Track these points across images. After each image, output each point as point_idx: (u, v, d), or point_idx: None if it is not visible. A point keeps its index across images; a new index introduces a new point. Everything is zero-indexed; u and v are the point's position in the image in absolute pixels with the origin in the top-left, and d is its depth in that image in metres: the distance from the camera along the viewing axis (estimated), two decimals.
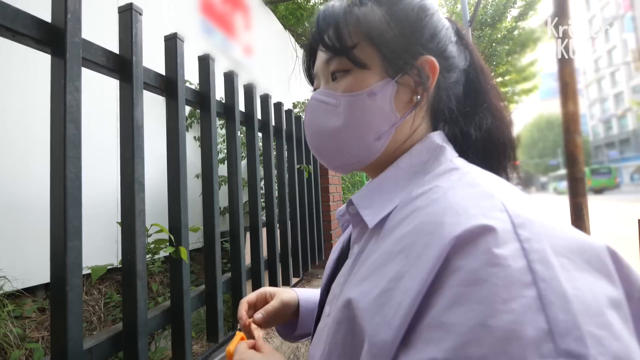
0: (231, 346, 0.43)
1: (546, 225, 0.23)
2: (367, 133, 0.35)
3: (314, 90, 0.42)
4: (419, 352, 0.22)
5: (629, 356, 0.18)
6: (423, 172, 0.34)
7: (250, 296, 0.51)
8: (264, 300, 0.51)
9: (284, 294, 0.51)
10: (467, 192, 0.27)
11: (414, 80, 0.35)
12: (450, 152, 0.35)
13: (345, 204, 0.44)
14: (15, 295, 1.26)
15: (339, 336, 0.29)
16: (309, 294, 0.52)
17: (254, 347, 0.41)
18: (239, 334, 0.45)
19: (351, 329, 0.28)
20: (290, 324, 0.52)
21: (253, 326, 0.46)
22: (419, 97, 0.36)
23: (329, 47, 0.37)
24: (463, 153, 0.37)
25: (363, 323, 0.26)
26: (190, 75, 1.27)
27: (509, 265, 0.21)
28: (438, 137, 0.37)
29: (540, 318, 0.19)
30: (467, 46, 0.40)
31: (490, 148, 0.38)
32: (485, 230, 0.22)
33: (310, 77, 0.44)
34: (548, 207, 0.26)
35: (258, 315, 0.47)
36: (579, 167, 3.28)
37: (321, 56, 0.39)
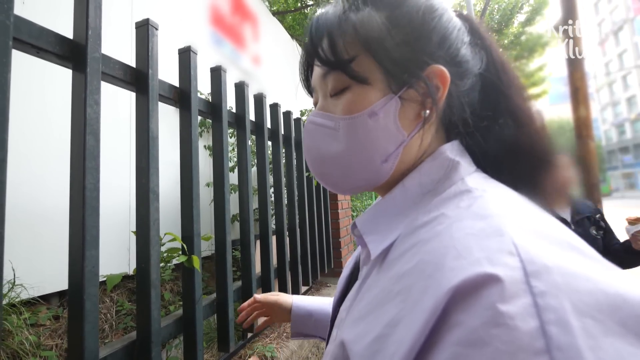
0: None
1: (568, 273, 0.19)
2: (372, 156, 0.32)
3: (314, 104, 0.39)
4: None
5: None
6: (433, 193, 0.30)
7: (259, 296, 0.65)
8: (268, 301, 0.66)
9: (283, 298, 0.64)
10: (473, 225, 0.23)
11: (420, 94, 0.31)
12: (464, 168, 0.31)
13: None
14: (31, 303, 1.28)
15: None
16: (304, 302, 0.62)
17: None
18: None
19: None
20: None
21: None
22: (427, 112, 0.31)
23: (324, 62, 0.33)
24: (483, 168, 0.33)
25: None
26: (201, 86, 1.30)
27: (516, 326, 0.17)
28: (451, 150, 0.32)
29: None
30: (484, 44, 0.35)
31: (514, 161, 0.32)
32: (488, 280, 0.19)
33: (309, 89, 0.41)
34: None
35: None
36: (593, 172, 3.21)
37: (317, 70, 0.35)
